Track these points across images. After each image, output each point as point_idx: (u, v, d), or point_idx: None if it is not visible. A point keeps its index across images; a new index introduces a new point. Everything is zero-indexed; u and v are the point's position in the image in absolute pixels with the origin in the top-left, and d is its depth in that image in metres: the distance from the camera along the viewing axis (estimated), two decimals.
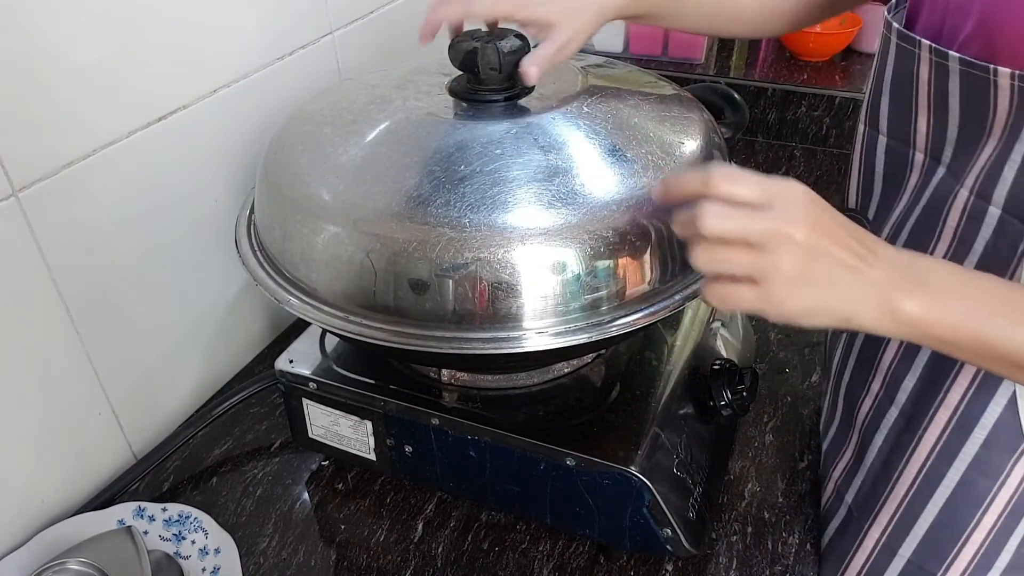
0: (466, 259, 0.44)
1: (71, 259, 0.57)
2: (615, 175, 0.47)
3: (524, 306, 0.45)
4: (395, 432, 0.58)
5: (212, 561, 0.56)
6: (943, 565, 0.50)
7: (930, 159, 0.48)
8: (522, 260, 0.44)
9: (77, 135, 0.56)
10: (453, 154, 0.47)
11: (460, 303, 0.45)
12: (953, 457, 0.47)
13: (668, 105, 0.54)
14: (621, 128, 0.50)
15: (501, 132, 0.48)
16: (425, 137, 0.49)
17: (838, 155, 1.16)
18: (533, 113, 0.50)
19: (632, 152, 0.48)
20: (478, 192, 0.44)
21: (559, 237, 0.44)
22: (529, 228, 0.44)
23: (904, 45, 0.47)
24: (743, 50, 1.33)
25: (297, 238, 0.49)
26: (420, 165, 0.47)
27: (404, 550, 0.59)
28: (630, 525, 0.53)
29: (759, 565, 0.57)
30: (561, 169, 0.46)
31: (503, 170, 0.45)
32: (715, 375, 0.60)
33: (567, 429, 0.54)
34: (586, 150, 0.48)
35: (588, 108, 0.51)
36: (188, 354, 0.72)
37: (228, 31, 0.66)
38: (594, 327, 0.46)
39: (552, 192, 0.45)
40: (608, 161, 0.47)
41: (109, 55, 0.56)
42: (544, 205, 0.44)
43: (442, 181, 0.45)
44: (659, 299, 0.47)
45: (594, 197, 0.45)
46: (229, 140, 0.69)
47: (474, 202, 0.44)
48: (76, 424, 0.62)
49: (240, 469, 0.66)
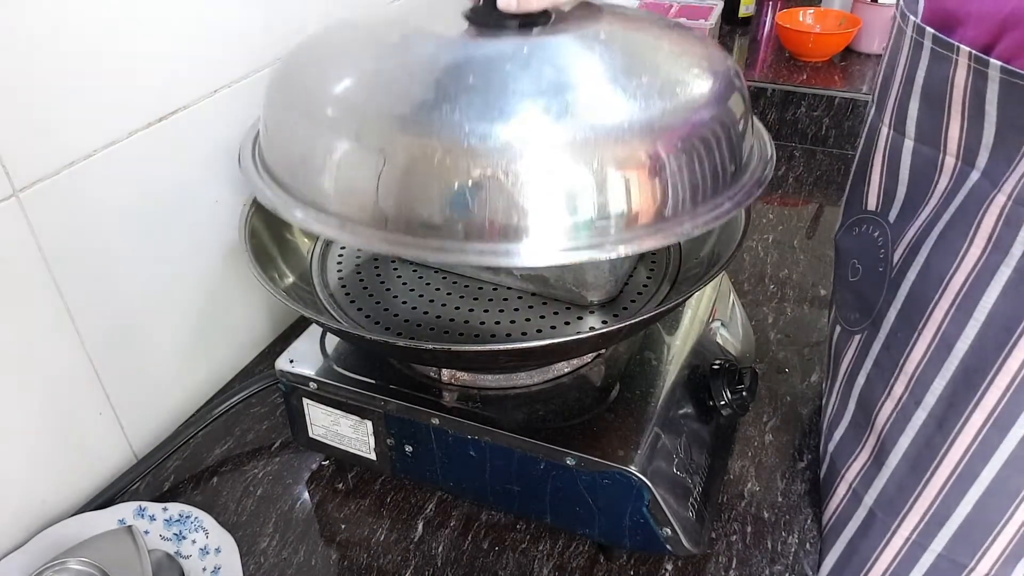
0: (471, 169, 0.42)
1: (71, 259, 0.57)
2: (630, 96, 0.45)
3: (530, 221, 0.43)
4: (395, 432, 0.58)
5: (212, 561, 0.57)
6: (975, 557, 0.50)
7: (962, 163, 0.47)
8: (529, 172, 0.42)
9: (77, 135, 0.56)
10: (463, 66, 0.45)
11: (463, 214, 0.43)
12: (989, 457, 0.47)
13: (689, 41, 0.53)
14: (638, 54, 0.48)
15: (513, 49, 0.46)
16: (435, 51, 0.47)
17: (838, 155, 1.16)
18: (548, 35, 0.49)
19: (648, 77, 0.46)
20: (486, 102, 0.43)
21: (568, 151, 0.43)
22: (538, 139, 0.43)
23: (940, 51, 0.46)
24: (743, 50, 1.33)
25: (302, 150, 0.47)
26: (429, 76, 0.45)
27: (404, 550, 0.59)
28: (630, 525, 0.53)
29: (759, 565, 0.57)
30: (572, 85, 0.45)
31: (513, 82, 0.44)
32: (715, 375, 0.60)
33: (567, 429, 0.54)
34: (599, 70, 0.47)
35: (605, 35, 0.49)
36: (188, 354, 0.72)
37: (228, 31, 0.66)
38: (601, 247, 0.44)
39: (563, 105, 0.43)
40: (622, 82, 0.46)
41: (109, 54, 0.56)
42: (553, 117, 0.43)
43: (450, 92, 0.44)
44: (668, 227, 0.46)
45: (606, 115, 0.44)
46: (229, 140, 0.69)
47: (482, 111, 0.43)
48: (76, 424, 0.62)
49: (240, 469, 0.66)
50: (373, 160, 0.44)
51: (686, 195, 0.46)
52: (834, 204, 1.05)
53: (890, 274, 0.53)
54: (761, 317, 0.82)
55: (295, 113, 0.49)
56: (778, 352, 0.77)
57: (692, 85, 0.48)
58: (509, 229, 0.43)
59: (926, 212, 0.50)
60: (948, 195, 0.48)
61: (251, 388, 0.66)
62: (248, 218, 0.58)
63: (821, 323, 0.81)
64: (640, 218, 0.45)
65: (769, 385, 0.73)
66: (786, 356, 0.77)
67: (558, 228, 0.44)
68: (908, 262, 0.51)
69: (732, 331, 0.69)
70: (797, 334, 0.79)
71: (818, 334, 0.79)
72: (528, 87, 0.44)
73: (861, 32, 1.26)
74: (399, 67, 0.47)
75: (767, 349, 0.78)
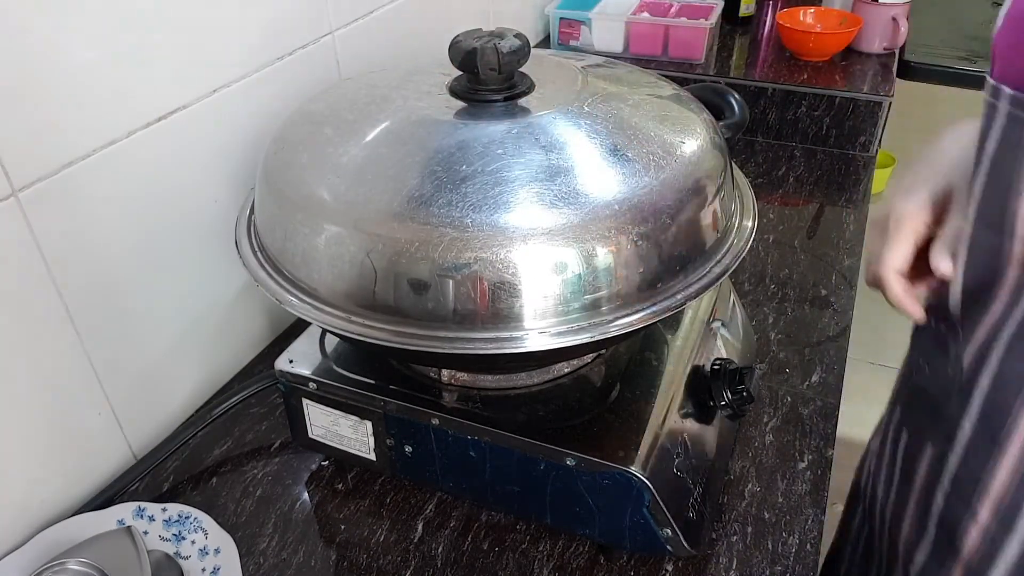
0: (468, 259, 0.44)
1: (71, 259, 0.57)
2: (616, 175, 0.47)
3: (525, 306, 0.45)
4: (395, 432, 0.58)
5: (212, 561, 0.56)
6: None
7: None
8: (523, 260, 0.44)
9: (77, 135, 0.56)
10: (454, 154, 0.47)
11: (462, 303, 0.45)
12: None
13: (668, 105, 0.54)
14: (622, 128, 0.50)
15: (502, 132, 0.48)
16: (426, 137, 0.49)
17: (838, 155, 1.16)
18: (534, 113, 0.50)
19: (633, 152, 0.48)
20: (479, 192, 0.44)
21: (561, 236, 0.44)
22: (531, 228, 0.44)
23: (1018, 113, 0.39)
24: (743, 50, 1.33)
25: (298, 238, 0.49)
26: (421, 165, 0.47)
27: (404, 550, 0.59)
28: (630, 525, 0.53)
29: (759, 565, 0.57)
30: (562, 169, 0.46)
31: (504, 170, 0.45)
32: (715, 375, 0.60)
33: (567, 429, 0.54)
34: (587, 150, 0.48)
35: (588, 108, 0.51)
36: (188, 354, 0.72)
37: (228, 31, 0.66)
38: (595, 327, 0.46)
39: (554, 192, 0.45)
40: (609, 161, 0.47)
41: (108, 55, 0.56)
42: (546, 205, 0.44)
43: (443, 181, 0.45)
44: (660, 299, 0.48)
45: (595, 197, 0.45)
46: (229, 140, 0.69)
47: (476, 202, 0.44)
48: (76, 424, 0.62)
49: (240, 469, 0.66)
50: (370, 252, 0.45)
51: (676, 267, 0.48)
52: (834, 204, 1.05)
53: (960, 377, 0.48)
54: (761, 317, 0.82)
55: (290, 209, 0.50)
56: (778, 352, 0.77)
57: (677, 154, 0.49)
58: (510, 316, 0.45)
59: (997, 308, 0.44)
60: (1016, 292, 0.42)
61: (250, 388, 0.66)
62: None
63: (821, 323, 0.81)
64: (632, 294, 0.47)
65: (770, 385, 0.73)
66: (786, 356, 0.77)
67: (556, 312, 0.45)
68: (979, 365, 0.46)
69: (732, 331, 0.69)
70: (798, 334, 0.79)
71: (818, 334, 0.79)
72: (520, 174, 0.45)
73: (862, 31, 1.26)
74: (391, 156, 0.48)
75: (767, 349, 0.78)
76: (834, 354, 0.77)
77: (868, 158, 1.15)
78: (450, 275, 0.44)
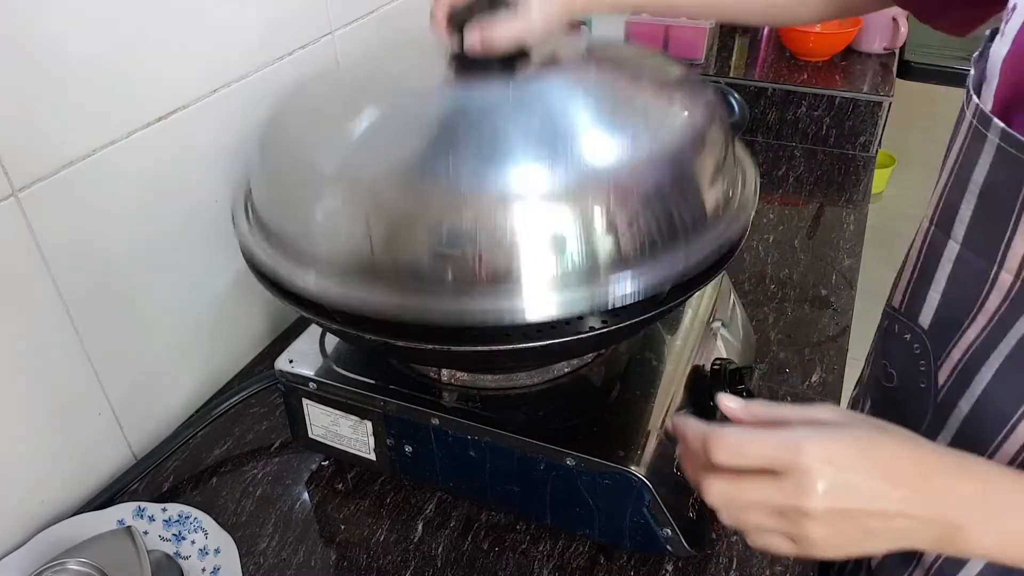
0: (466, 223, 0.43)
1: (71, 259, 0.57)
2: (615, 140, 0.46)
3: (523, 272, 0.43)
4: (395, 432, 0.58)
5: (212, 561, 0.56)
6: None
7: None
8: (522, 223, 0.43)
9: (77, 135, 0.56)
10: (452, 118, 0.46)
11: (460, 269, 0.44)
12: None
13: (672, 79, 0.53)
14: (621, 95, 0.49)
15: (500, 98, 0.47)
16: (423, 103, 0.48)
17: (838, 155, 1.16)
18: (532, 80, 0.49)
19: (632, 118, 0.47)
20: (478, 155, 0.44)
21: (560, 199, 0.43)
22: (530, 190, 0.43)
23: (1010, 150, 0.39)
24: (743, 50, 1.33)
25: (296, 208, 0.48)
26: (419, 130, 0.46)
27: (404, 550, 0.59)
28: (630, 525, 0.53)
29: (759, 565, 0.57)
30: (560, 133, 0.45)
31: (502, 133, 0.44)
32: (715, 375, 0.60)
33: (567, 429, 0.54)
34: (584, 116, 0.47)
35: (589, 76, 0.50)
36: (188, 354, 0.72)
37: (228, 31, 0.66)
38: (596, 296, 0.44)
39: (551, 155, 0.44)
40: (607, 126, 0.46)
41: (109, 55, 0.56)
42: (545, 167, 0.43)
43: (442, 145, 0.44)
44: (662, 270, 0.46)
45: (595, 160, 0.44)
46: (229, 140, 0.69)
47: (474, 165, 0.43)
48: (76, 424, 0.62)
49: (240, 469, 0.66)
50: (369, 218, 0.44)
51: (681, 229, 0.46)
52: (834, 204, 1.05)
53: (935, 395, 0.48)
54: (761, 317, 0.82)
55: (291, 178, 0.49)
56: (779, 352, 0.77)
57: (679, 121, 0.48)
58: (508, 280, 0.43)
59: (973, 332, 0.44)
60: (1003, 319, 0.42)
61: (250, 388, 0.66)
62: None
63: (821, 323, 0.81)
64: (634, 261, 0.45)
65: (769, 385, 0.73)
66: (786, 356, 0.77)
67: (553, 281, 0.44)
68: (959, 388, 0.46)
69: (732, 331, 0.69)
70: (798, 334, 0.79)
71: (818, 334, 0.79)
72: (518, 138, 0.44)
73: (862, 31, 1.26)
74: (389, 123, 0.47)
75: (767, 349, 0.78)
76: (834, 354, 0.77)
77: (868, 158, 1.15)
78: (448, 240, 0.43)
